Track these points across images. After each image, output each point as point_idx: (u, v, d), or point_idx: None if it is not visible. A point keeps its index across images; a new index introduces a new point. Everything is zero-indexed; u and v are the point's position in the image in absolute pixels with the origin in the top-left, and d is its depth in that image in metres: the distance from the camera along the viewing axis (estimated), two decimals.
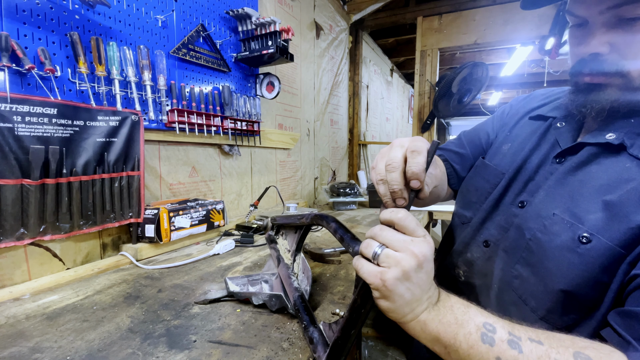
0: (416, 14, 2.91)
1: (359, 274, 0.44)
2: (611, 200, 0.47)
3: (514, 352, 0.38)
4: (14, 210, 0.83)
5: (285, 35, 1.48)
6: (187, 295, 0.83)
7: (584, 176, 0.53)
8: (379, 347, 0.72)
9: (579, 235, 0.48)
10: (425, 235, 0.41)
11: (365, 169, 3.39)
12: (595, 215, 0.48)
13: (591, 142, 0.54)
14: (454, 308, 0.43)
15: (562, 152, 0.58)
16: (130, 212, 1.09)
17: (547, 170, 0.59)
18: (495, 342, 0.39)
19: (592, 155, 0.54)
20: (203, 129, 1.34)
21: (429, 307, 0.42)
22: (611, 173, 0.50)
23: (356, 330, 0.47)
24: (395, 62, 4.78)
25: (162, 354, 0.59)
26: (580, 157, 0.55)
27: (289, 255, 0.84)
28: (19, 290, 0.83)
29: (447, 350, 0.41)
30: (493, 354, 0.38)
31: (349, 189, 2.28)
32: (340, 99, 3.01)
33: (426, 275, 0.41)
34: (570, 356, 0.36)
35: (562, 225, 0.51)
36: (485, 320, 0.41)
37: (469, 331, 0.40)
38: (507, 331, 0.39)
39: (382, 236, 0.42)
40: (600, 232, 0.47)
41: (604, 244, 0.46)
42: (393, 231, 0.42)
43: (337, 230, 0.58)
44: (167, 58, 1.23)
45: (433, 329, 0.42)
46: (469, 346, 0.39)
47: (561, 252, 0.50)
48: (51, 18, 0.90)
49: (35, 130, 0.85)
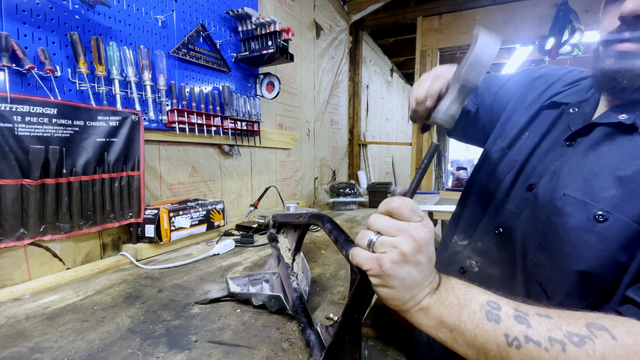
0: (416, 14, 2.91)
1: (354, 262, 0.42)
2: (625, 176, 0.46)
3: (522, 327, 0.36)
4: (14, 210, 0.83)
5: (285, 35, 1.48)
6: (187, 295, 0.83)
7: (595, 156, 0.52)
8: (379, 347, 0.72)
9: (595, 214, 0.46)
10: (422, 219, 0.40)
11: (365, 169, 3.39)
12: (610, 192, 0.46)
13: (603, 122, 0.53)
14: (455, 289, 0.41)
15: (573, 134, 0.57)
16: (130, 212, 1.09)
17: (557, 153, 0.58)
18: (501, 319, 0.37)
19: (604, 135, 0.52)
20: (203, 129, 1.34)
21: (431, 292, 0.41)
22: (624, 151, 0.49)
23: (350, 336, 0.46)
24: (395, 62, 4.78)
25: (162, 354, 0.59)
26: (591, 139, 0.54)
27: (289, 254, 0.84)
28: (19, 290, 0.83)
29: (453, 334, 0.40)
30: (500, 331, 0.36)
31: (348, 189, 2.28)
32: (340, 99, 3.01)
33: (426, 259, 0.40)
34: (582, 326, 0.34)
35: (575, 205, 0.49)
36: (489, 298, 0.39)
37: (472, 310, 0.39)
38: (513, 307, 0.38)
39: (377, 223, 0.41)
40: (616, 209, 0.45)
41: (621, 221, 0.44)
42: (388, 218, 0.41)
43: (332, 231, 0.57)
44: (167, 58, 1.23)
45: (436, 312, 0.40)
46: (474, 326, 0.38)
47: (577, 233, 0.48)
48: (51, 18, 0.90)
49: (35, 130, 0.85)
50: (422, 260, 0.39)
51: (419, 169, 0.49)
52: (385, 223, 0.41)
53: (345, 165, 3.23)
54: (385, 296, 0.41)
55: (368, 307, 0.45)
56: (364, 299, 0.43)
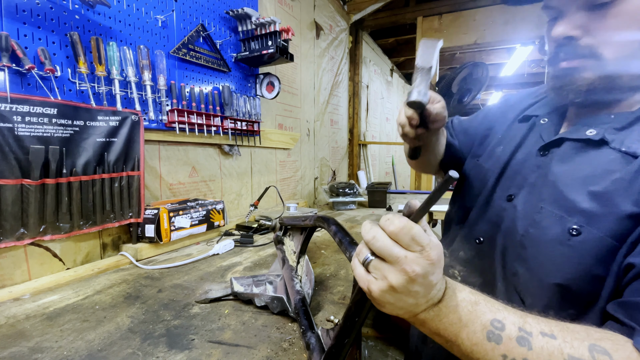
0: (416, 14, 2.91)
1: (354, 273, 0.43)
2: (597, 191, 0.47)
3: (523, 350, 0.36)
4: (14, 210, 0.83)
5: (285, 35, 1.48)
6: (187, 295, 0.83)
7: (568, 168, 0.54)
8: (379, 347, 0.72)
9: (569, 227, 0.48)
10: (423, 249, 0.37)
11: (365, 169, 3.39)
12: (583, 206, 0.48)
13: (572, 137, 0.55)
14: (459, 308, 0.40)
15: (546, 145, 0.59)
16: (130, 212, 1.09)
17: (533, 164, 0.60)
18: (502, 340, 0.37)
19: (575, 148, 0.55)
20: (203, 129, 1.34)
21: (429, 308, 0.41)
22: (595, 165, 0.50)
23: (350, 340, 0.46)
24: (395, 62, 4.78)
25: (162, 354, 0.59)
26: (563, 150, 0.56)
27: (294, 257, 0.84)
28: (19, 290, 0.83)
29: (449, 344, 0.40)
30: (499, 352, 0.37)
31: (348, 189, 2.28)
32: (340, 99, 3.01)
33: (422, 288, 0.38)
34: (585, 350, 0.35)
35: (552, 218, 0.51)
36: (494, 317, 0.39)
37: (473, 330, 0.39)
38: (518, 327, 0.38)
39: (374, 245, 0.39)
40: (589, 223, 0.46)
41: (594, 235, 0.45)
42: (387, 241, 0.38)
43: (336, 234, 0.58)
44: (167, 58, 1.23)
45: (432, 326, 0.40)
46: (472, 344, 0.38)
47: (553, 246, 0.49)
48: (51, 18, 0.90)
49: (35, 130, 0.85)
50: (415, 289, 0.37)
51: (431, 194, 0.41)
52: (381, 245, 0.38)
53: (345, 165, 3.23)
54: (378, 307, 0.41)
55: (369, 312, 0.45)
56: (365, 305, 0.43)
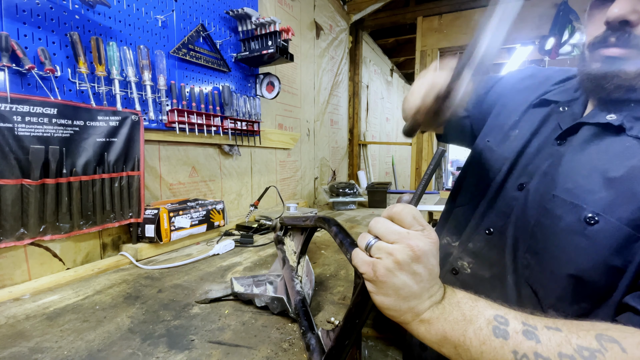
0: (416, 14, 2.91)
1: (353, 262, 0.42)
2: (615, 177, 0.45)
3: (531, 343, 0.35)
4: (14, 210, 0.83)
5: (285, 35, 1.48)
6: (187, 295, 0.83)
7: (584, 157, 0.51)
8: (379, 347, 0.71)
9: (585, 216, 0.45)
10: (424, 229, 0.39)
11: (365, 169, 3.39)
12: (600, 195, 0.45)
13: (591, 121, 0.52)
14: (461, 304, 0.40)
15: (563, 133, 0.56)
16: (130, 212, 1.08)
17: (548, 152, 0.57)
18: (509, 335, 0.36)
19: (592, 135, 0.52)
20: (203, 129, 1.34)
21: (433, 306, 0.40)
22: (612, 152, 0.48)
23: (351, 341, 0.46)
24: (395, 62, 4.78)
25: (162, 354, 0.59)
26: (580, 137, 0.53)
27: (294, 257, 0.84)
28: (19, 290, 0.82)
29: (457, 350, 0.39)
30: (508, 348, 0.35)
31: (348, 189, 2.28)
32: (340, 99, 3.01)
33: (425, 270, 0.39)
34: (592, 339, 0.34)
35: (565, 207, 0.48)
36: (496, 312, 0.38)
37: (479, 326, 0.38)
38: (521, 321, 0.37)
39: (376, 228, 0.41)
40: (606, 211, 0.44)
41: (612, 224, 0.43)
42: (389, 223, 0.40)
43: (337, 234, 0.58)
44: (167, 58, 1.23)
45: (439, 328, 0.39)
46: (480, 342, 0.37)
47: (567, 236, 0.47)
48: (51, 18, 0.90)
49: (35, 130, 0.85)
50: (419, 270, 0.38)
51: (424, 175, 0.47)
52: (384, 228, 0.40)
53: (345, 165, 3.23)
54: (381, 305, 0.40)
55: (369, 313, 0.44)
56: (366, 305, 0.43)
